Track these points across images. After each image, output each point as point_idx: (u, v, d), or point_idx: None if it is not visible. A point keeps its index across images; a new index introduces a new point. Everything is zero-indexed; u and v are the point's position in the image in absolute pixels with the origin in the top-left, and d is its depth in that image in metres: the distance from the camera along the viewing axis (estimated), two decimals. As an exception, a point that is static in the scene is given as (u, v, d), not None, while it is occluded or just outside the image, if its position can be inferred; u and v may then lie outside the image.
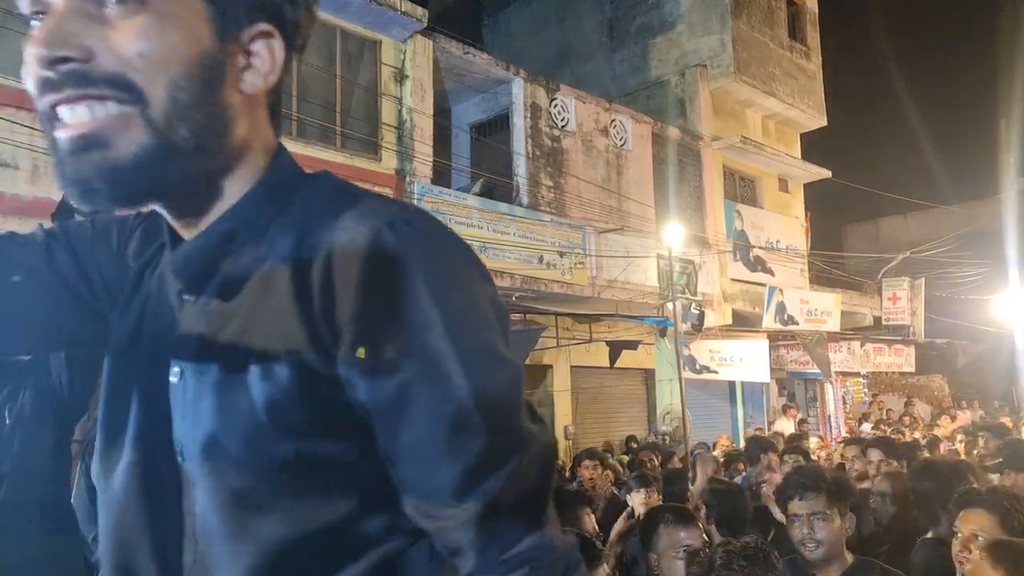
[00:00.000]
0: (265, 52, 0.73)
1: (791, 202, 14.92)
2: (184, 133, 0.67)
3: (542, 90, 10.11)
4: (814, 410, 14.77)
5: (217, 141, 0.71)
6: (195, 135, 0.68)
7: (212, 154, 0.71)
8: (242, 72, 0.72)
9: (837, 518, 2.24)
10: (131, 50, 0.65)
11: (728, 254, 12.68)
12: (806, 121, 15.01)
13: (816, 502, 2.24)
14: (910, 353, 15.37)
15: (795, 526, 2.27)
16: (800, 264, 14.43)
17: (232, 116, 0.71)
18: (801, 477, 2.32)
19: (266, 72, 0.73)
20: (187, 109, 0.67)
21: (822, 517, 2.22)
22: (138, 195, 0.70)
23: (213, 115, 0.70)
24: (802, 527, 2.23)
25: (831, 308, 13.18)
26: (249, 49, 0.72)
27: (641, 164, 11.29)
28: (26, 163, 5.78)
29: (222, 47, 0.70)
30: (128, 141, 0.66)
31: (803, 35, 14.92)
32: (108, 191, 0.67)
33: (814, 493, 2.24)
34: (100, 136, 0.65)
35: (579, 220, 10.07)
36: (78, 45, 0.64)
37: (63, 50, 0.64)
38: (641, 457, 6.47)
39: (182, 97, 0.67)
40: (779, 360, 13.26)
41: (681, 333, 10.31)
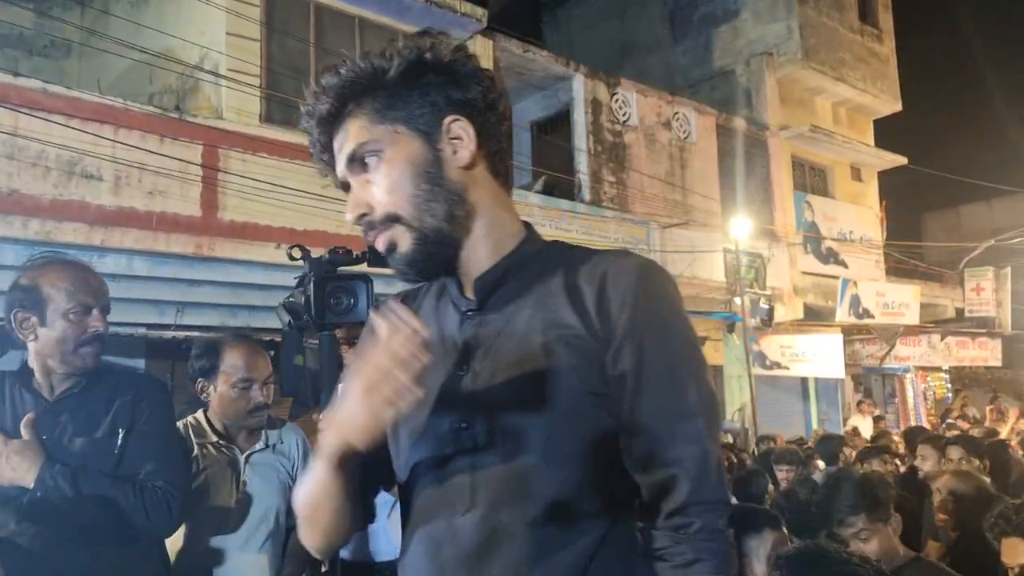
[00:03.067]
0: (461, 132, 1.00)
1: (865, 191, 14.40)
2: (431, 220, 0.99)
3: (603, 85, 10.03)
4: (892, 406, 14.22)
5: (459, 209, 1.00)
6: (440, 217, 0.99)
7: (460, 219, 1.00)
8: (454, 155, 1.00)
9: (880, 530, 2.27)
10: (382, 193, 0.99)
11: (798, 247, 12.34)
12: (879, 107, 14.46)
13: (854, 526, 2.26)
14: (996, 346, 14.62)
15: None
16: (875, 255, 13.92)
17: (459, 188, 1.00)
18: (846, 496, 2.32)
19: (468, 145, 1.00)
20: (426, 203, 0.98)
21: (863, 537, 2.25)
22: (425, 267, 1.02)
23: (446, 197, 0.99)
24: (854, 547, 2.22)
25: (909, 300, 12.66)
26: (452, 136, 1.00)
27: (706, 156, 11.08)
28: (109, 175, 6.06)
29: (433, 149, 0.99)
30: (405, 242, 1.00)
31: (875, 17, 14.37)
32: (412, 272, 1.02)
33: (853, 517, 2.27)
34: (392, 245, 1.01)
35: (643, 215, 9.96)
36: (365, 204, 1.00)
37: (357, 211, 1.01)
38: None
39: (419, 201, 0.98)
40: (854, 355, 12.79)
41: (750, 328, 10.09)
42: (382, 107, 0.99)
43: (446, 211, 0.99)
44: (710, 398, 0.99)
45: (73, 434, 1.77)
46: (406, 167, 0.98)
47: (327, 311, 1.62)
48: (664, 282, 1.00)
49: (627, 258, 1.00)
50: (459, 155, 1.00)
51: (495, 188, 1.04)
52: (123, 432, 1.80)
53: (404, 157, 0.98)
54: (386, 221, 0.99)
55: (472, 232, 1.02)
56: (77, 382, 1.82)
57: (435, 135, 0.99)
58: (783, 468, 4.74)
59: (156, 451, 1.83)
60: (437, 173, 0.99)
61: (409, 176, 0.98)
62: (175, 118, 6.42)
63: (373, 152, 0.99)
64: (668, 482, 0.94)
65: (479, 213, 1.02)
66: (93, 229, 5.95)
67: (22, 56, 8.04)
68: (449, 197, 0.99)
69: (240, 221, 6.58)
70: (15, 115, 5.63)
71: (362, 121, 0.99)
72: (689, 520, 0.94)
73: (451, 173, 1.00)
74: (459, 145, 1.00)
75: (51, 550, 1.69)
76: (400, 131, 0.99)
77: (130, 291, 6.16)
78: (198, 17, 7.02)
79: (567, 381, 0.94)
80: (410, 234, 0.99)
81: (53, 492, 1.66)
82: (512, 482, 0.94)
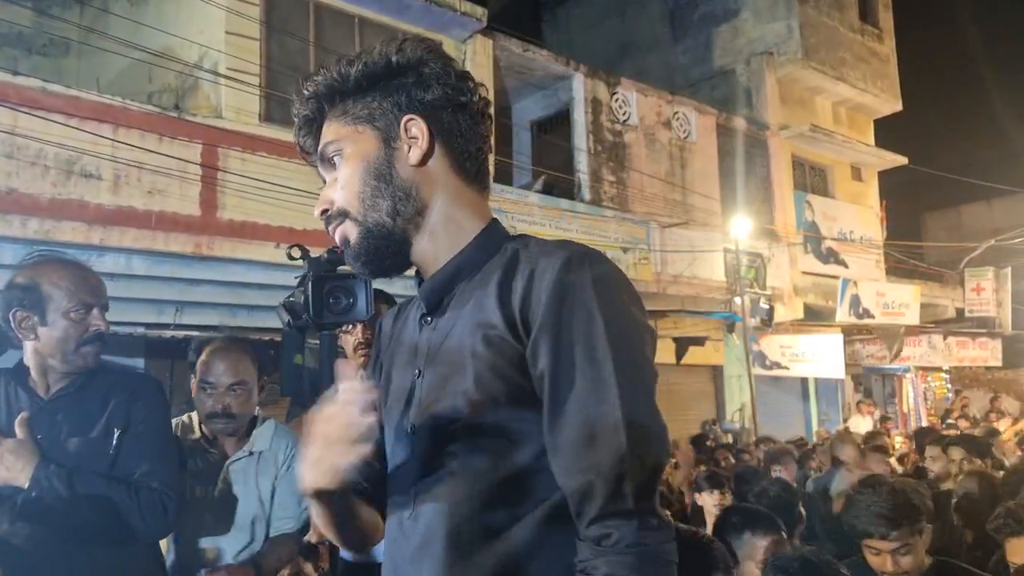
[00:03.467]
0: (416, 131, 1.03)
1: (865, 191, 14.38)
2: (376, 216, 1.02)
3: (603, 85, 10.01)
4: (892, 407, 14.20)
5: (407, 206, 1.02)
6: (386, 213, 1.01)
7: (406, 215, 1.02)
8: (409, 152, 1.02)
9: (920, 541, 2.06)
10: (339, 190, 1.03)
11: (798, 246, 12.32)
12: (880, 106, 14.44)
13: (899, 540, 2.03)
14: (996, 346, 14.61)
15: (876, 559, 2.06)
16: (876, 255, 13.91)
17: (409, 186, 1.02)
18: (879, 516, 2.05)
19: (421, 145, 1.02)
20: (372, 199, 1.02)
21: (906, 551, 2.03)
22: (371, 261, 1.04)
23: (394, 194, 1.02)
24: (885, 562, 2.04)
25: (909, 300, 12.65)
26: (410, 135, 1.02)
27: (706, 156, 11.07)
28: (108, 174, 6.04)
29: (388, 148, 1.03)
30: (353, 236, 1.03)
31: (875, 17, 14.35)
32: (359, 265, 1.05)
33: (897, 532, 2.02)
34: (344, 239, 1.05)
35: (643, 215, 9.94)
36: (327, 201, 1.05)
37: (320, 207, 1.06)
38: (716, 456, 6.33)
39: (366, 197, 1.02)
40: (854, 355, 12.78)
41: (750, 328, 10.08)
42: (349, 108, 1.04)
43: (390, 207, 1.01)
44: (639, 398, 0.89)
45: (68, 434, 1.76)
46: (359, 164, 1.02)
47: (325, 310, 1.61)
48: (591, 272, 0.92)
49: (559, 249, 0.95)
50: (412, 154, 1.02)
51: (456, 186, 1.05)
52: (118, 432, 1.78)
53: (360, 155, 1.02)
54: (339, 216, 1.04)
55: (423, 229, 1.03)
56: (73, 381, 1.81)
57: (393, 134, 1.03)
58: (777, 468, 4.73)
59: (151, 452, 1.81)
60: (387, 170, 1.02)
61: (360, 173, 1.02)
62: (174, 117, 6.41)
63: (337, 151, 1.04)
64: (586, 489, 0.88)
65: (432, 211, 1.03)
66: (92, 228, 5.94)
67: (21, 55, 8.02)
68: (395, 193, 1.01)
69: (239, 220, 6.57)
70: (14, 114, 5.62)
71: (333, 123, 1.05)
72: (606, 531, 0.87)
73: (402, 171, 1.02)
74: (414, 144, 1.03)
75: (46, 550, 1.67)
76: (362, 130, 1.03)
77: (129, 290, 6.15)
78: (197, 16, 7.01)
79: (489, 384, 0.93)
80: (356, 228, 1.03)
81: (48, 492, 1.65)
82: (440, 486, 0.95)
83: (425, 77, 1.04)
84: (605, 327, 0.89)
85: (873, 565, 2.08)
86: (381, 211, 1.01)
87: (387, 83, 1.03)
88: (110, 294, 1.91)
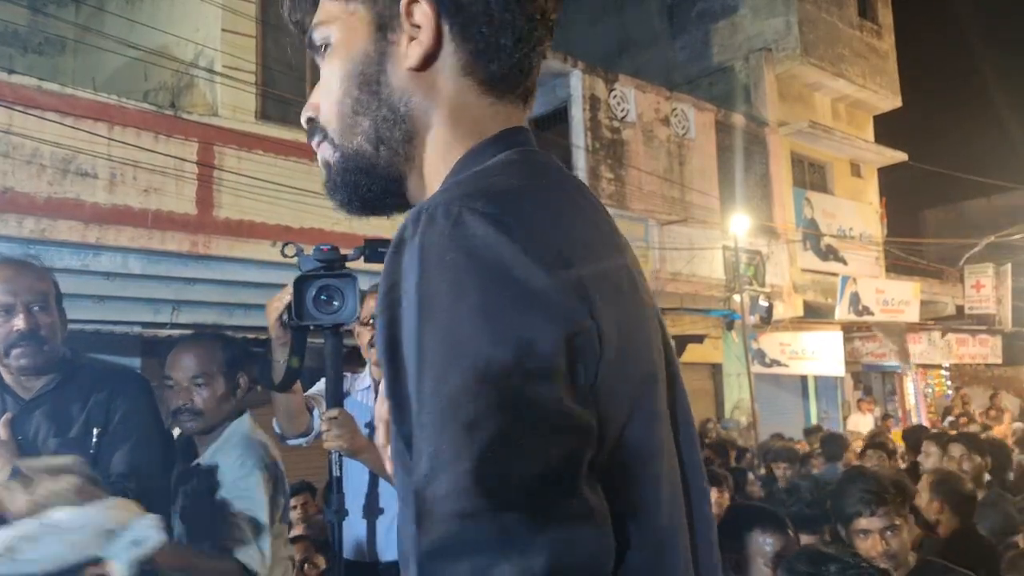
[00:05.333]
0: (422, 18, 0.71)
1: (864, 188, 14.36)
2: (351, 139, 0.74)
3: (601, 81, 9.98)
4: (893, 404, 14.20)
5: (391, 129, 0.73)
6: (363, 135, 0.73)
7: (393, 143, 0.73)
8: (408, 48, 0.72)
9: (905, 525, 2.15)
10: (320, 96, 0.77)
11: (798, 244, 12.30)
12: (879, 102, 14.42)
13: (887, 516, 2.11)
14: (996, 343, 14.60)
15: (865, 542, 2.13)
16: (875, 252, 13.89)
17: (402, 97, 0.72)
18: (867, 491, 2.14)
19: (427, 39, 0.71)
20: (352, 115, 0.74)
21: (893, 529, 2.11)
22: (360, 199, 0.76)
23: (377, 107, 0.73)
24: (875, 544, 2.11)
25: (909, 297, 12.64)
26: (412, 24, 0.72)
27: (704, 153, 11.04)
28: (104, 173, 6.03)
29: (380, 41, 0.73)
30: (332, 162, 0.76)
31: (874, 13, 14.33)
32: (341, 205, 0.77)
33: (884, 508, 2.11)
34: (324, 163, 0.78)
35: (641, 212, 9.92)
36: (314, 105, 0.77)
37: (307, 113, 0.78)
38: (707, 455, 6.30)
39: (345, 111, 0.74)
40: (854, 352, 12.77)
41: (749, 326, 10.06)
42: None
43: (371, 130, 0.73)
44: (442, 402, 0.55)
45: (48, 434, 1.74)
46: (343, 63, 0.74)
47: (313, 310, 1.59)
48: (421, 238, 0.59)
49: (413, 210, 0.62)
50: (412, 51, 0.71)
51: (472, 102, 0.73)
52: (97, 431, 1.76)
53: (346, 49, 0.74)
54: (317, 132, 0.77)
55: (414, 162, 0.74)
56: (52, 379, 1.79)
57: (393, 20, 0.72)
58: (781, 466, 4.73)
59: (130, 452, 1.78)
60: (375, 75, 0.73)
61: (341, 76, 0.74)
62: (170, 115, 6.39)
63: (324, 39, 0.76)
64: None
65: (438, 140, 0.73)
66: (88, 227, 5.92)
67: (16, 53, 8.00)
68: (379, 111, 0.72)
69: (236, 219, 6.55)
70: (9, 113, 5.60)
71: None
72: None
73: (393, 77, 0.72)
74: (415, 36, 0.72)
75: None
76: (355, 11, 0.74)
77: (125, 289, 6.13)
78: (193, 14, 6.99)
79: None
80: (333, 154, 0.76)
81: None
82: None
83: None
84: (419, 312, 0.57)
85: (862, 551, 2.12)
86: (359, 135, 0.73)
87: None
88: (107, 293, 1.87)
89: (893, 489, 2.16)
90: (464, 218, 0.58)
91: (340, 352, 1.76)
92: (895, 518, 2.10)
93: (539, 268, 0.57)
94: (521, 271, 0.57)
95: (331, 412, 1.89)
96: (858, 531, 2.15)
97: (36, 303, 1.75)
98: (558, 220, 0.63)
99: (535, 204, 0.63)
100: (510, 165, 0.69)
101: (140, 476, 1.77)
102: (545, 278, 0.57)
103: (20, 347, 1.72)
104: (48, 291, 1.79)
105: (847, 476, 2.31)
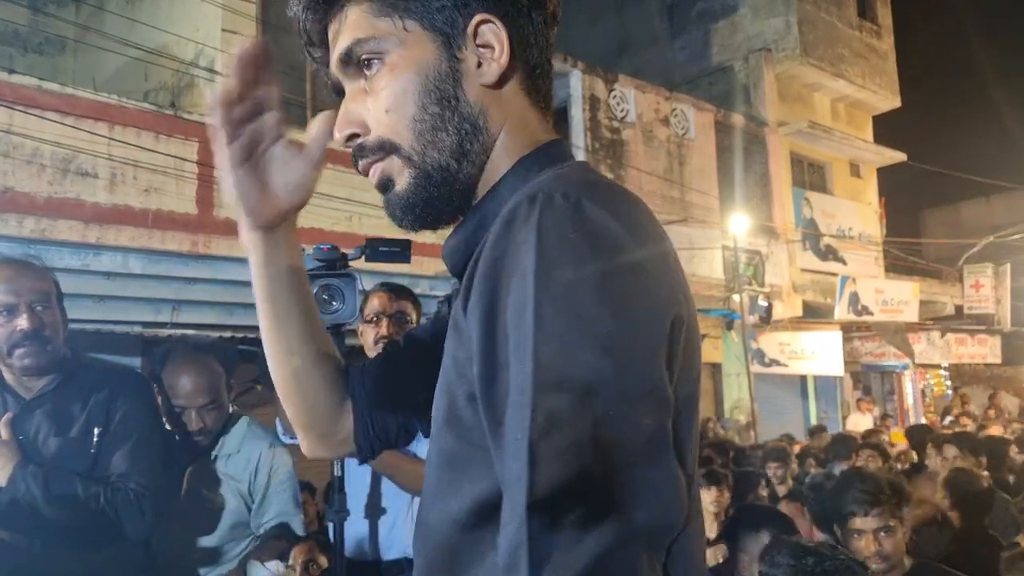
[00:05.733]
0: (492, 38, 0.76)
1: (864, 188, 14.37)
2: (436, 155, 0.76)
3: (600, 81, 9.99)
4: (892, 404, 14.21)
5: (473, 142, 0.76)
6: (448, 150, 0.76)
7: (473, 155, 0.77)
8: (478, 68, 0.76)
9: (900, 527, 2.14)
10: (381, 112, 0.76)
11: (797, 244, 12.31)
12: (878, 103, 14.42)
13: (881, 517, 2.11)
14: (995, 343, 14.61)
15: (859, 542, 2.14)
16: (874, 252, 13.90)
17: (476, 114, 0.76)
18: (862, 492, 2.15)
19: (498, 57, 0.76)
20: (432, 131, 0.75)
21: (887, 531, 2.11)
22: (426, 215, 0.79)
23: (459, 124, 0.76)
24: (868, 544, 2.11)
25: (908, 297, 12.65)
26: (479, 43, 0.76)
27: (704, 153, 11.05)
28: (104, 172, 6.03)
29: (450, 59, 0.76)
30: (403, 180, 0.77)
31: (873, 13, 14.34)
32: (414, 221, 0.79)
33: (878, 508, 2.11)
34: (386, 180, 0.78)
35: (641, 212, 9.92)
36: (358, 122, 0.78)
37: (348, 129, 0.78)
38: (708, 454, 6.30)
39: (424, 127, 0.75)
40: (853, 352, 12.78)
41: (748, 326, 10.07)
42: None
43: (455, 144, 0.76)
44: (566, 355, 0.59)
45: (49, 433, 1.74)
46: (413, 80, 0.75)
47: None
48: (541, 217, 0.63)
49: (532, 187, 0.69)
50: (485, 69, 0.76)
51: (524, 112, 0.79)
52: (98, 431, 1.76)
53: (412, 65, 0.75)
54: (381, 149, 0.77)
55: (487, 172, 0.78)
56: (53, 379, 1.79)
57: (457, 39, 0.76)
58: (773, 465, 4.75)
59: (130, 451, 1.79)
60: (452, 92, 0.75)
61: (415, 92, 0.75)
62: (170, 115, 6.39)
63: (374, 53, 0.76)
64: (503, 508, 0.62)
65: (501, 148, 0.78)
66: (88, 227, 5.92)
67: (17, 53, 8.00)
68: (462, 126, 0.75)
69: (236, 219, 6.54)
70: (10, 112, 5.60)
71: (364, 8, 0.77)
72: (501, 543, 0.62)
73: (471, 93, 0.76)
74: (487, 55, 0.76)
75: (25, 552, 1.66)
76: (411, 29, 0.76)
77: (125, 289, 6.14)
78: (193, 13, 6.99)
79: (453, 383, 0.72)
80: (408, 170, 0.77)
81: (24, 494, 1.63)
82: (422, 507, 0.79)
83: None
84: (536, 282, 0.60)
85: (857, 550, 2.13)
86: (444, 150, 0.75)
87: None
88: (107, 293, 1.89)
89: (889, 490, 2.16)
90: (583, 203, 0.64)
91: (342, 352, 1.77)
92: (890, 519, 2.10)
93: (648, 257, 0.65)
94: (636, 257, 0.64)
95: None
96: (853, 531, 2.16)
97: (39, 303, 1.75)
98: (650, 220, 0.72)
99: (630, 203, 0.70)
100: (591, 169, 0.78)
101: (140, 475, 1.78)
102: (654, 266, 0.66)
103: (24, 347, 1.72)
104: (50, 291, 1.80)
105: (844, 476, 2.34)
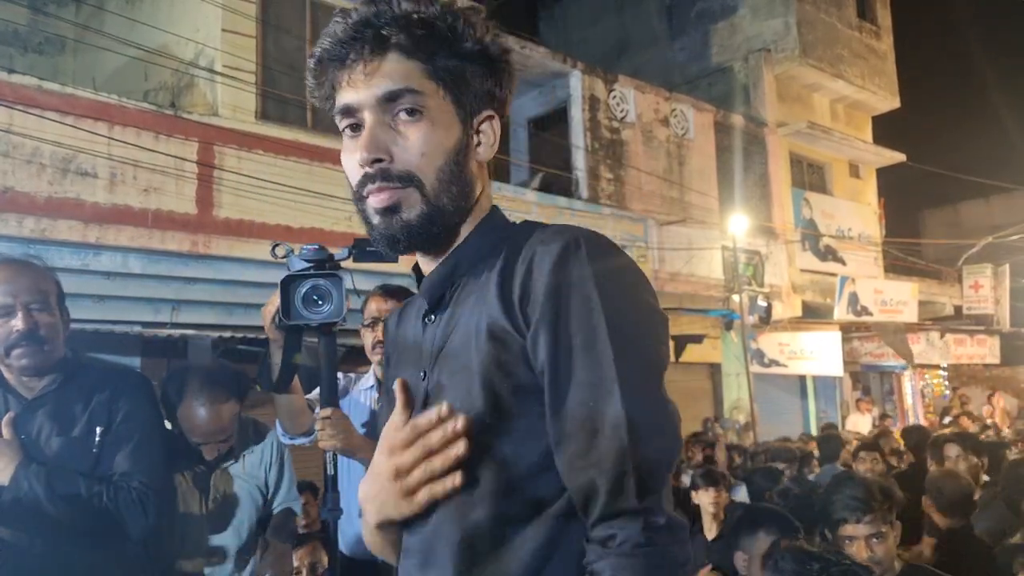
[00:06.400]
0: (489, 130, 0.99)
1: (863, 188, 14.38)
2: (446, 200, 0.95)
3: (600, 82, 10.00)
4: (891, 404, 14.21)
5: (467, 200, 0.98)
6: (453, 200, 0.95)
7: (464, 210, 0.98)
8: (477, 147, 0.99)
9: (891, 533, 2.14)
10: (415, 151, 0.93)
11: (796, 244, 12.32)
12: (878, 103, 14.44)
13: (873, 524, 2.11)
14: (994, 343, 14.62)
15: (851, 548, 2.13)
16: (874, 252, 13.91)
17: (473, 180, 0.98)
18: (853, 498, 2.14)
19: (491, 144, 1.00)
20: (447, 184, 0.94)
21: (879, 537, 2.11)
22: (419, 243, 0.97)
23: (463, 184, 0.96)
24: (860, 551, 2.11)
25: (907, 298, 12.65)
26: (479, 129, 0.98)
27: (703, 153, 11.06)
28: (104, 172, 6.03)
29: (466, 134, 0.97)
30: (413, 210, 0.94)
31: (873, 13, 14.35)
32: (405, 241, 0.95)
33: (870, 515, 2.11)
34: (396, 205, 0.94)
35: (640, 212, 9.93)
36: (386, 150, 0.93)
37: (376, 153, 0.93)
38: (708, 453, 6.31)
39: (444, 177, 0.94)
40: (853, 353, 12.79)
41: (748, 326, 10.08)
42: (445, 69, 0.94)
43: (458, 197, 0.96)
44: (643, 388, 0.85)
45: (51, 433, 1.75)
46: (444, 140, 0.94)
47: (295, 310, 1.60)
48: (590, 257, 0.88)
49: (558, 235, 0.91)
50: (481, 151, 0.99)
51: (488, 187, 1.04)
52: (100, 431, 1.77)
53: (444, 127, 0.94)
54: (408, 180, 0.93)
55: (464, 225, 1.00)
56: (54, 379, 1.80)
57: (470, 122, 0.97)
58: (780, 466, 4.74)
59: (133, 450, 1.79)
60: (463, 159, 0.96)
61: (445, 149, 0.94)
62: (170, 115, 6.39)
63: (418, 106, 0.93)
64: (588, 487, 0.83)
65: (477, 209, 1.00)
66: (88, 227, 5.92)
67: (16, 53, 8.00)
68: (464, 186, 0.96)
69: (235, 218, 6.56)
70: (10, 112, 5.60)
71: (417, 66, 0.93)
72: (611, 532, 0.82)
73: (471, 163, 0.98)
74: (484, 141, 0.99)
75: (26, 550, 1.67)
76: (446, 100, 0.95)
77: (125, 289, 6.13)
78: (193, 13, 6.99)
79: (495, 381, 0.88)
80: (422, 204, 0.94)
81: (27, 493, 1.64)
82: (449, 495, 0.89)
83: (505, 76, 0.99)
84: (604, 315, 0.85)
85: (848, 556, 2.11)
86: (451, 198, 0.95)
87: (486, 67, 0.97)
88: (107, 293, 1.89)
89: (880, 496, 2.16)
90: (612, 245, 0.93)
91: (334, 352, 1.77)
92: (881, 525, 2.11)
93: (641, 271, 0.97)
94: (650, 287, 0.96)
95: (324, 412, 1.90)
96: (844, 537, 2.15)
97: (35, 303, 1.75)
98: None
99: None
100: None
101: (142, 473, 1.79)
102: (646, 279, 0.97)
103: (20, 347, 1.73)
104: (49, 291, 1.79)
105: (835, 481, 2.34)
